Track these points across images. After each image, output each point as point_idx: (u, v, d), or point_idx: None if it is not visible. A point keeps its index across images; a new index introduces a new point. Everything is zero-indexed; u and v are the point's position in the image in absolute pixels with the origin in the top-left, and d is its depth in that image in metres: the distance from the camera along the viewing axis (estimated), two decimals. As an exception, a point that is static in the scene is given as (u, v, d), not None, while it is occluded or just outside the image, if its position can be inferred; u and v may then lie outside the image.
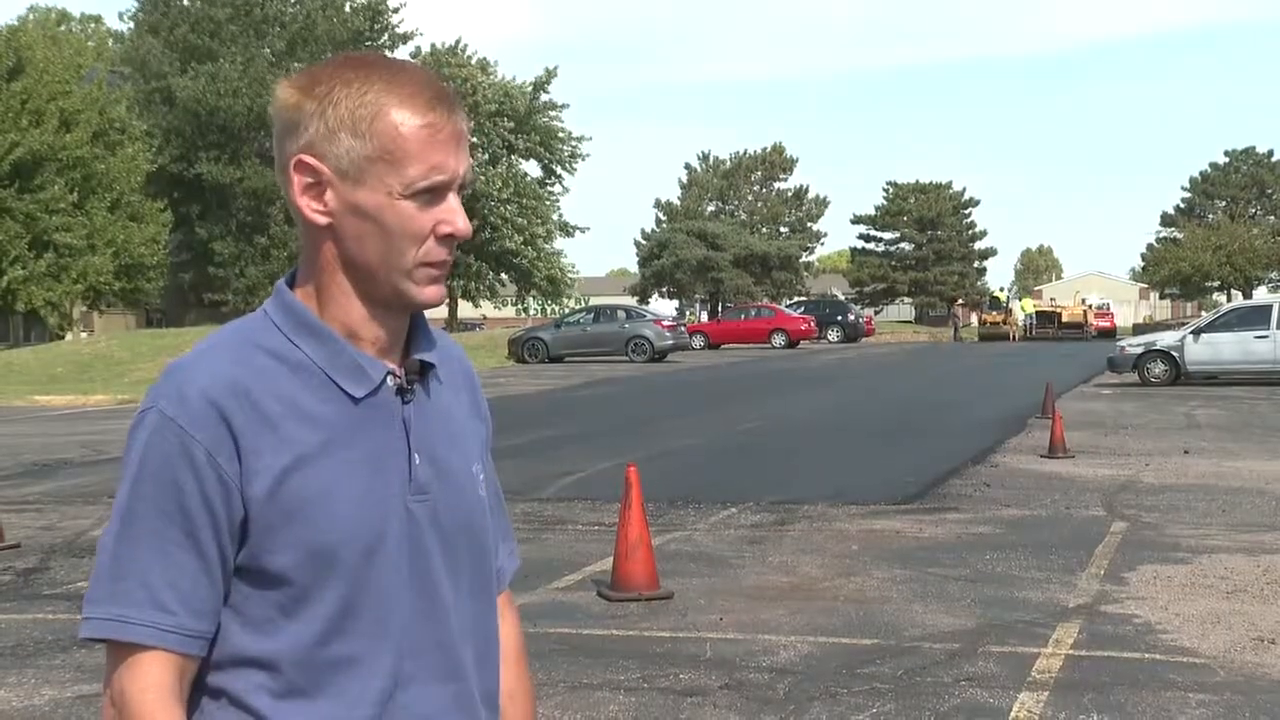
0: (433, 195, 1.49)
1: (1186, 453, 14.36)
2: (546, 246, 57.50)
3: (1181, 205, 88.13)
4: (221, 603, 1.48)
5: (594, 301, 55.32)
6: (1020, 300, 64.76)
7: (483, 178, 53.32)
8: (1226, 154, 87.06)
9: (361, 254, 1.51)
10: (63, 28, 63.10)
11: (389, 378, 1.54)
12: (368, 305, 1.53)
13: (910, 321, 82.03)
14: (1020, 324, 58.59)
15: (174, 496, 1.45)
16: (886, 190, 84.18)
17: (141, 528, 1.46)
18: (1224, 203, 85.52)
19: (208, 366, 1.48)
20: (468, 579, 1.59)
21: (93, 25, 69.40)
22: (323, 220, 1.51)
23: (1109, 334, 53.64)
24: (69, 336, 42.68)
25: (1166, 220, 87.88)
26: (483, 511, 1.63)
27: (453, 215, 1.50)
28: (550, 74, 57.19)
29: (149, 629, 1.44)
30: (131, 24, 51.52)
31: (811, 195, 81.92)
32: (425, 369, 1.59)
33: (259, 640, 1.47)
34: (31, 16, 56.14)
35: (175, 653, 1.45)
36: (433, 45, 56.42)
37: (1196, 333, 24.97)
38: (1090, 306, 61.53)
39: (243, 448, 1.46)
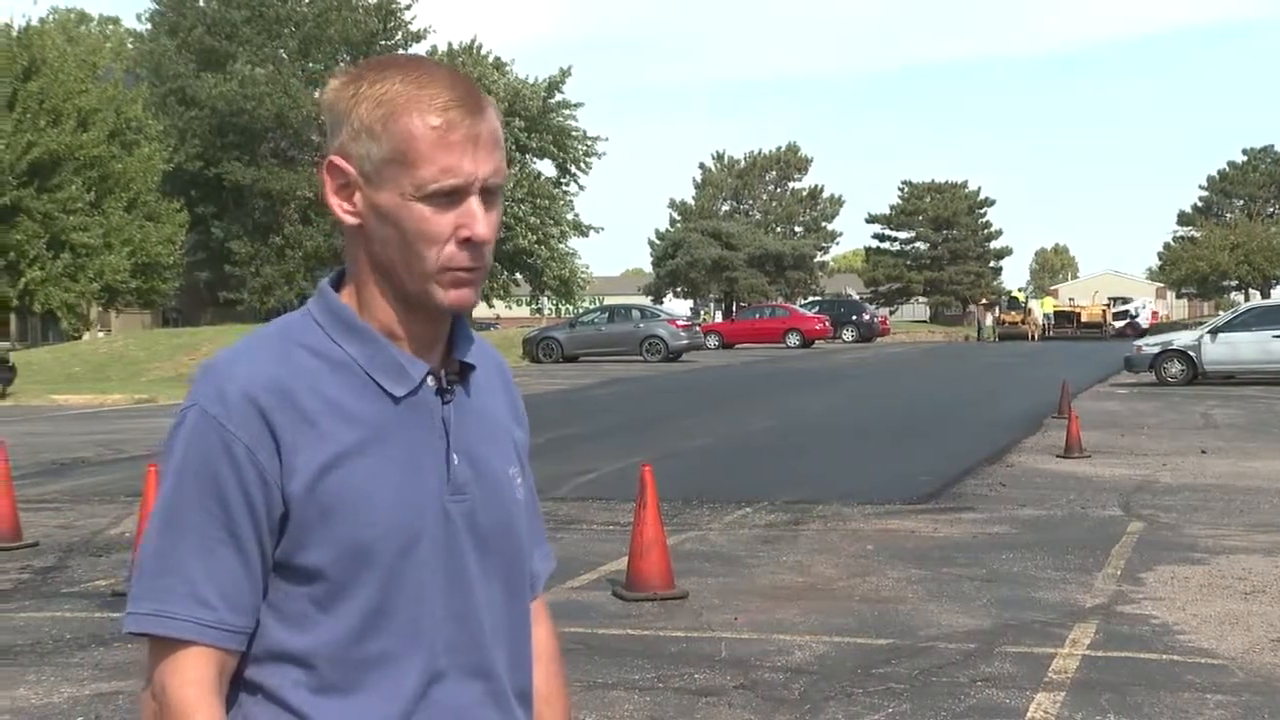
0: (450, 198, 1.48)
1: (1204, 453, 14.30)
2: (560, 246, 57.53)
3: (1199, 204, 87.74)
4: (261, 598, 1.49)
5: (608, 301, 55.35)
6: (1040, 300, 64.70)
7: (496, 177, 53.25)
8: (1245, 152, 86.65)
9: (386, 256, 1.51)
10: (82, 28, 63.33)
11: (429, 378, 1.55)
12: (401, 306, 1.53)
13: (925, 321, 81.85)
14: (1039, 323, 58.51)
15: (215, 493, 1.46)
16: (901, 190, 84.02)
17: (183, 524, 1.47)
18: (1242, 201, 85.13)
19: (248, 364, 1.49)
20: (501, 580, 1.59)
21: (111, 26, 69.68)
22: (352, 221, 1.52)
23: (1146, 332, 53.29)
24: (86, 336, 42.85)
25: (1184, 219, 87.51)
26: (519, 514, 1.63)
27: (472, 219, 1.48)
28: (564, 74, 57.22)
29: (190, 624, 1.45)
30: (149, 25, 51.70)
31: (826, 194, 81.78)
32: (465, 370, 1.59)
33: (295, 635, 1.49)
34: (53, 18, 56.37)
35: (215, 648, 1.46)
36: (449, 44, 56.53)
37: (1214, 332, 24.87)
38: (1109, 304, 61.38)
39: (282, 445, 1.47)
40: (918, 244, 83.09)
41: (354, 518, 1.47)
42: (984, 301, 72.88)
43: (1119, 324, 58.24)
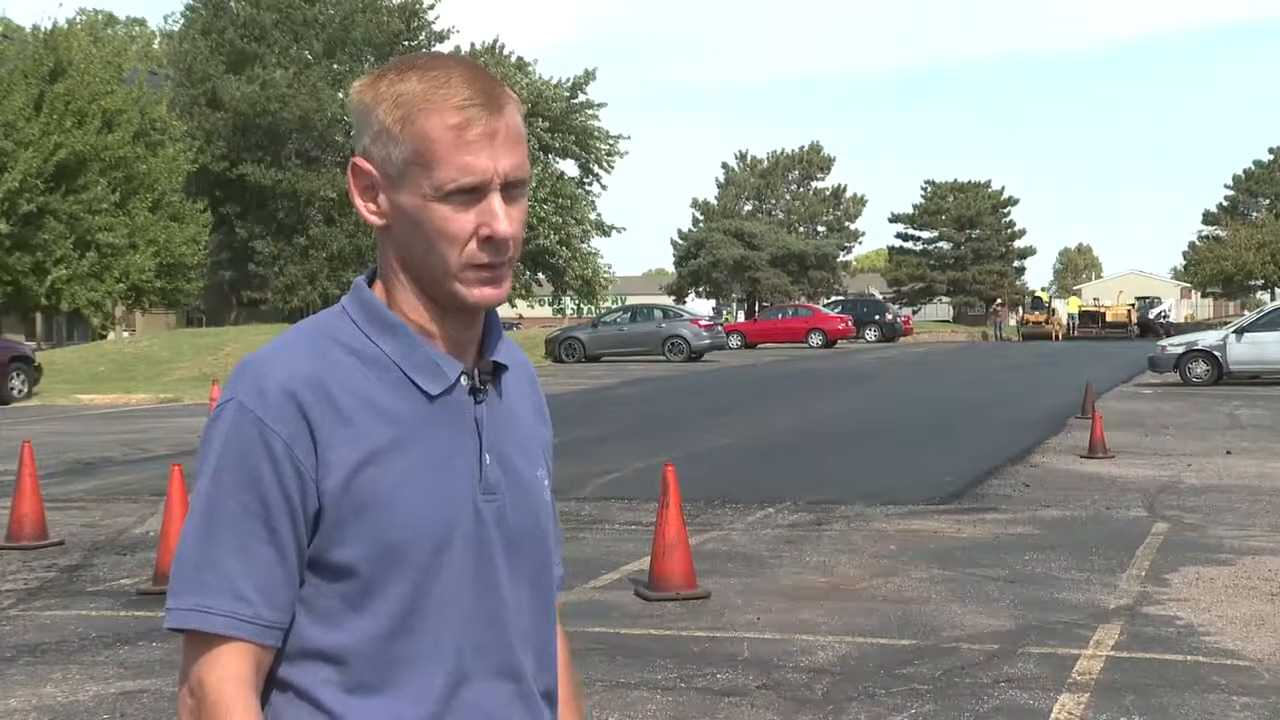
0: (471, 197, 1.48)
1: (1229, 453, 14.21)
2: (583, 246, 57.61)
3: (1224, 203, 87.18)
4: (297, 594, 1.49)
5: (631, 301, 55.38)
6: (1067, 300, 64.57)
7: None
8: (1271, 151, 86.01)
9: (411, 256, 1.52)
10: (109, 30, 63.70)
11: (462, 377, 1.55)
12: (432, 305, 1.54)
13: (948, 321, 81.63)
14: (1064, 323, 58.36)
15: (252, 488, 1.46)
16: (925, 189, 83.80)
17: (221, 518, 1.47)
18: (1268, 200, 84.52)
19: (285, 360, 1.50)
20: (529, 581, 1.59)
21: (138, 28, 70.12)
22: (378, 222, 1.53)
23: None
24: (111, 336, 43.09)
25: (1209, 218, 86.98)
26: (547, 515, 1.64)
27: (492, 217, 1.48)
28: (589, 75, 57.28)
29: (228, 619, 1.46)
30: (180, 25, 51.98)
31: (849, 194, 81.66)
32: (498, 370, 1.60)
33: (326, 633, 1.49)
34: (80, 19, 56.67)
35: (252, 643, 1.46)
36: (471, 44, 56.65)
37: (1239, 332, 24.71)
38: (1134, 304, 61.13)
39: (318, 441, 1.47)
40: (941, 244, 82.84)
41: (387, 516, 1.48)
42: (1000, 301, 72.62)
43: (1163, 321, 58.11)
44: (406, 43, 51.05)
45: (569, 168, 58.68)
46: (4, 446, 15.20)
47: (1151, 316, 59.80)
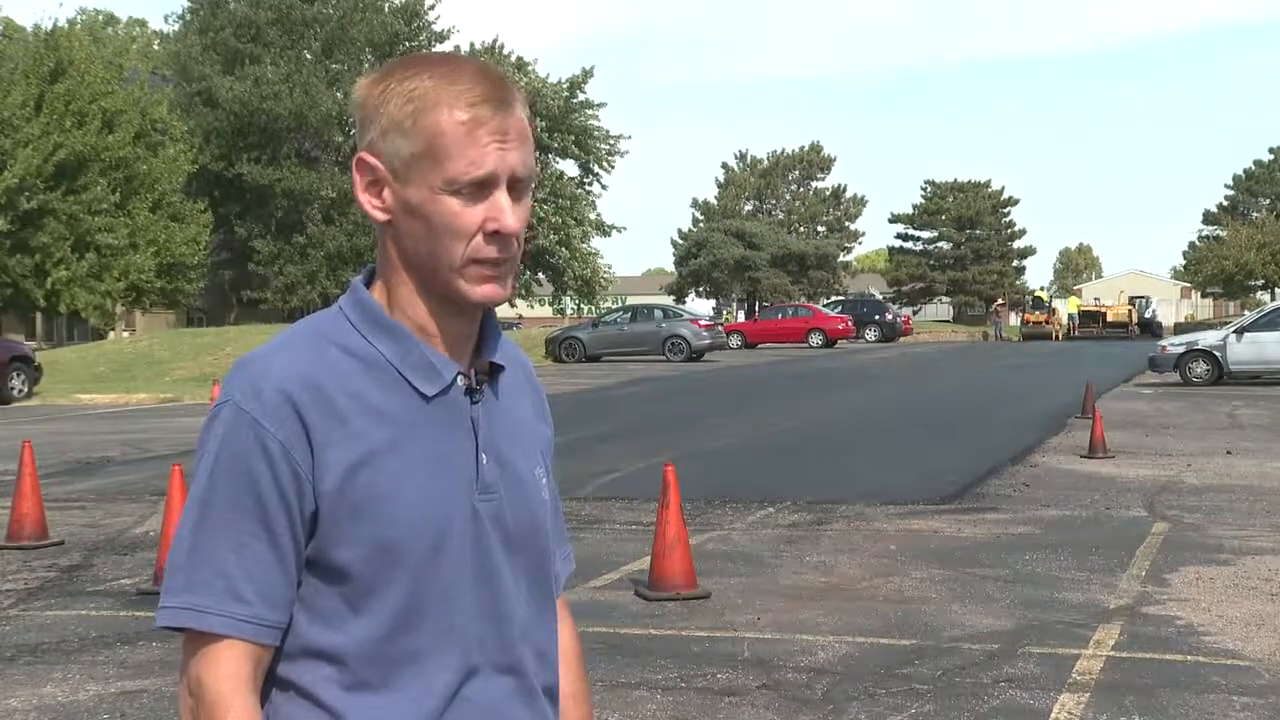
0: (479, 191, 1.49)
1: (1229, 453, 14.22)
2: (583, 246, 57.63)
3: (1225, 203, 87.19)
4: (295, 594, 1.50)
5: (631, 301, 55.40)
6: (1067, 300, 64.55)
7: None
8: (1271, 151, 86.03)
9: (415, 251, 1.52)
10: (109, 30, 63.69)
11: (459, 377, 1.56)
12: (432, 302, 1.54)
13: (948, 321, 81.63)
14: (1064, 323, 58.39)
15: (249, 488, 1.47)
16: (925, 189, 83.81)
17: (218, 518, 1.48)
18: (1268, 200, 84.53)
19: (282, 361, 1.50)
20: (527, 579, 1.60)
21: (139, 28, 70.11)
22: (382, 217, 1.53)
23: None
24: (111, 336, 43.11)
25: (1209, 218, 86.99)
26: (545, 514, 1.65)
27: (500, 212, 1.50)
28: (587, 74, 57.28)
29: (225, 618, 1.46)
30: (178, 25, 52.01)
31: (849, 194, 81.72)
32: (494, 370, 1.60)
33: (327, 633, 1.50)
34: (80, 19, 56.67)
35: (251, 642, 1.47)
36: (471, 44, 56.64)
37: (1239, 332, 24.72)
38: (1133, 304, 61.18)
39: (314, 441, 1.47)
40: (941, 244, 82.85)
41: (384, 516, 1.48)
42: (1001, 301, 72.66)
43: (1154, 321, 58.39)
44: (407, 43, 51.04)
45: (569, 168, 58.73)
46: (4, 446, 15.20)
47: (1147, 316, 59.91)
